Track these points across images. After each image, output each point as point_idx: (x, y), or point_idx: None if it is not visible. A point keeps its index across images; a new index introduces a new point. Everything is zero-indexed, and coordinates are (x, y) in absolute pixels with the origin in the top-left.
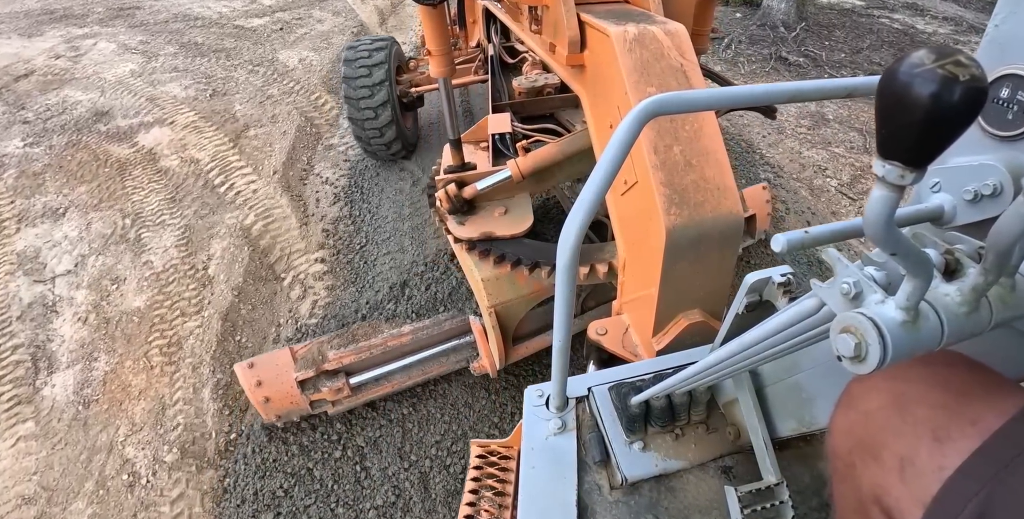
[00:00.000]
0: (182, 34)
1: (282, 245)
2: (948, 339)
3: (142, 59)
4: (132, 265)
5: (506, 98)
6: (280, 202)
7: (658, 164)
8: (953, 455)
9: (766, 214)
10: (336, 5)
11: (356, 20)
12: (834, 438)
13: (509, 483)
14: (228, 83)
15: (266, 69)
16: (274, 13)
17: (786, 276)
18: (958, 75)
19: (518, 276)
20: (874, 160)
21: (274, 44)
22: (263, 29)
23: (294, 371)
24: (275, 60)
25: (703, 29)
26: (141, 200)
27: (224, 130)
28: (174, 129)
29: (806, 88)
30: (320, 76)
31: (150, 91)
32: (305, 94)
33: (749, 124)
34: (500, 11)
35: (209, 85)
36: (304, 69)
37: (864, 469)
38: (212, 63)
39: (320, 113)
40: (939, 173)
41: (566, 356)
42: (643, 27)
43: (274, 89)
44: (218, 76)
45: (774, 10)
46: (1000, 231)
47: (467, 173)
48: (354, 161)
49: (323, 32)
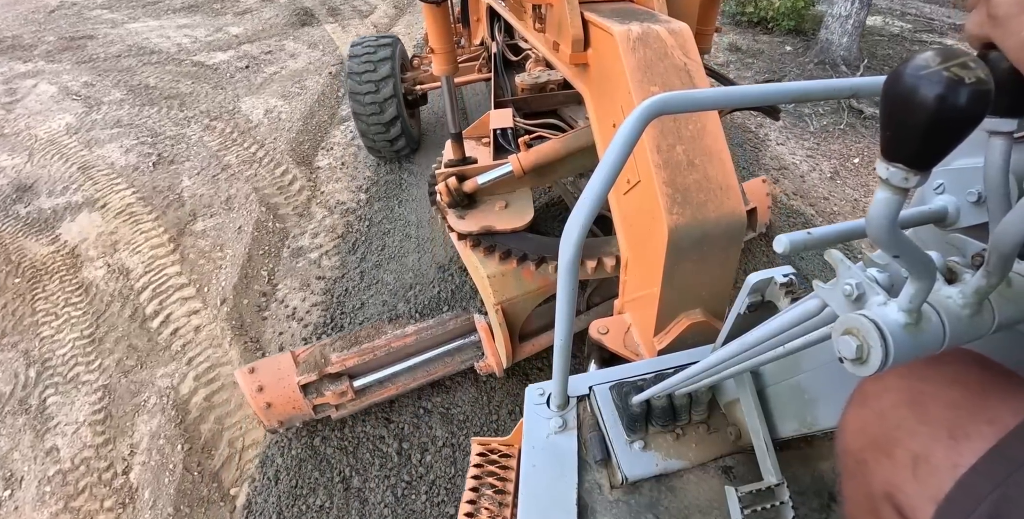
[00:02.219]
0: (133, 73)
1: (231, 436)
2: (950, 342)
3: (83, 108)
4: (32, 454)
5: (509, 96)
6: (229, 354)
7: (661, 163)
8: (968, 453)
9: (767, 207)
10: (313, 34)
11: (336, 54)
12: (846, 435)
13: (509, 481)
14: (177, 145)
15: (224, 125)
16: (240, 45)
17: (788, 277)
18: (964, 77)
19: (524, 272)
20: (878, 162)
21: (237, 88)
22: (226, 67)
23: (296, 375)
24: (236, 111)
25: (707, 28)
26: (52, 336)
27: (165, 220)
28: (105, 216)
29: (811, 88)
30: (289, 138)
31: (85, 156)
32: (269, 166)
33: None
34: (504, 9)
35: (155, 147)
36: (270, 125)
37: (876, 466)
38: (162, 115)
39: (286, 197)
40: (943, 174)
41: (567, 354)
42: (647, 26)
43: (232, 155)
44: (167, 134)
45: (834, 45)
46: (1003, 233)
47: (468, 167)
48: (331, 277)
49: (296, 71)
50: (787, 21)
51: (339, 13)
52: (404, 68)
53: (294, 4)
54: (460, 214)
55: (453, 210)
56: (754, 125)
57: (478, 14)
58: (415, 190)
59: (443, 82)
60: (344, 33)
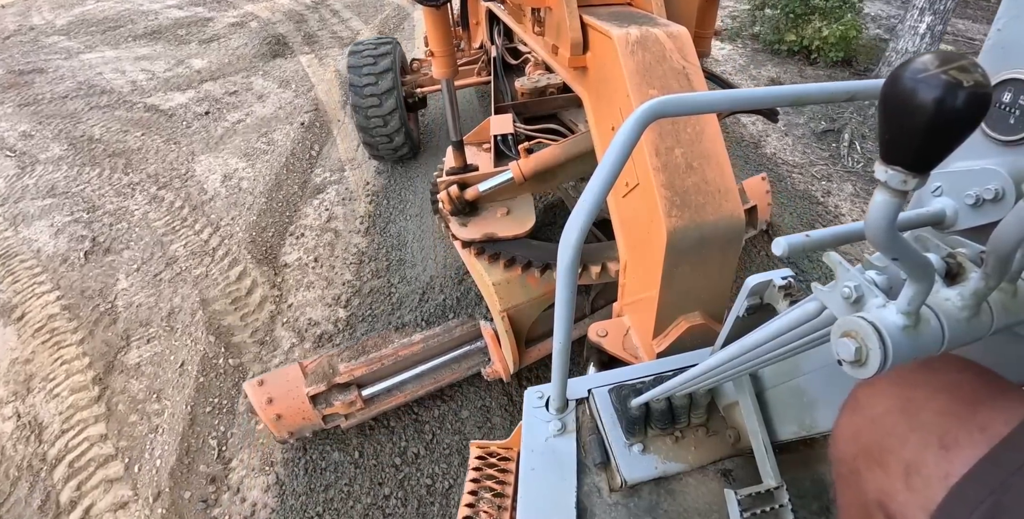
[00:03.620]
0: (78, 121)
1: None
2: (949, 344)
3: (15, 168)
4: None
5: (509, 99)
6: None
7: (659, 166)
8: (959, 462)
9: (766, 205)
10: (286, 68)
11: (310, 96)
12: (839, 443)
13: (508, 484)
14: (117, 224)
15: (174, 195)
16: (202, 83)
17: (787, 279)
18: (962, 80)
19: (529, 279)
20: (876, 165)
21: (193, 142)
22: (183, 112)
23: (305, 386)
24: (189, 176)
25: (705, 32)
26: None
27: (93, 345)
28: (22, 333)
29: (809, 91)
30: (249, 221)
31: (8, 239)
32: (223, 264)
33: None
34: (503, 13)
35: (90, 227)
36: (228, 198)
37: (869, 475)
38: (103, 180)
39: (243, 315)
40: (941, 177)
41: (566, 358)
42: (645, 29)
43: (179, 243)
44: (106, 208)
45: None
46: (1001, 236)
47: (469, 175)
48: (298, 445)
49: (263, 119)
50: (835, 52)
51: (316, 40)
52: (404, 71)
53: (266, 30)
54: (462, 222)
55: (455, 218)
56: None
57: (477, 17)
58: (405, 312)
59: (443, 86)
60: (321, 67)
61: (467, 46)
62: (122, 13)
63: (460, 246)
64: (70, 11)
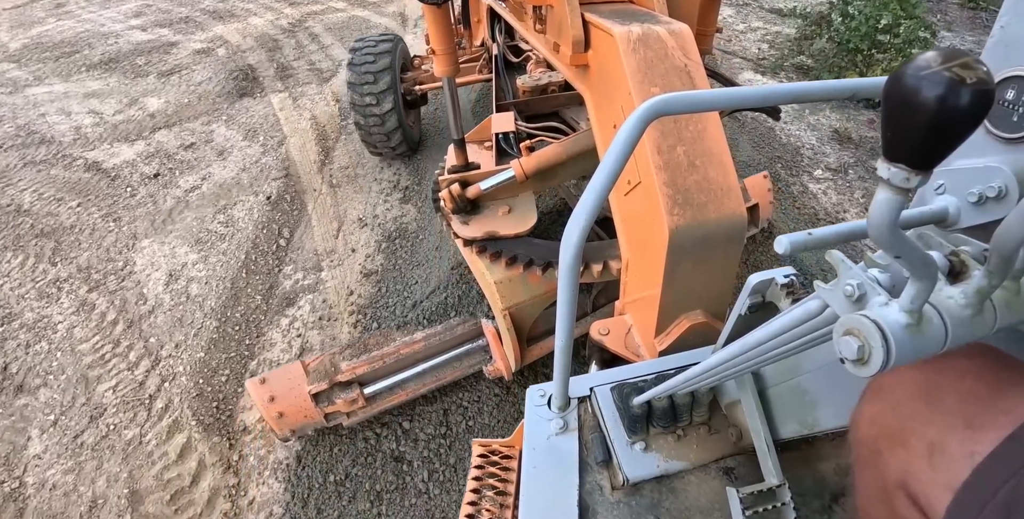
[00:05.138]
0: (7, 182)
1: None
2: (952, 342)
3: None
4: None
5: (511, 97)
6: None
7: (661, 164)
8: (985, 442)
9: (768, 203)
10: (254, 112)
11: (279, 153)
12: (859, 426)
13: (511, 483)
14: (35, 344)
15: (107, 302)
16: (155, 131)
17: (789, 277)
18: (965, 78)
19: (531, 277)
20: (879, 162)
21: (136, 218)
22: (129, 173)
23: (307, 384)
24: (128, 272)
25: (707, 29)
26: None
27: None
28: None
29: (811, 89)
30: (195, 358)
31: None
32: (159, 431)
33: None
34: (504, 10)
35: (2, 349)
36: (171, 312)
37: (891, 455)
38: (25, 273)
39: None
40: (944, 175)
41: (568, 356)
42: (647, 27)
43: (108, 383)
44: (24, 319)
45: None
46: (1004, 234)
47: (470, 173)
48: None
49: (222, 186)
50: None
51: (291, 74)
52: (405, 68)
53: (234, 60)
54: (464, 220)
55: (457, 216)
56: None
57: (479, 15)
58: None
59: (444, 84)
60: (295, 110)
61: (468, 44)
62: (81, 35)
63: (462, 244)
64: (28, 31)
